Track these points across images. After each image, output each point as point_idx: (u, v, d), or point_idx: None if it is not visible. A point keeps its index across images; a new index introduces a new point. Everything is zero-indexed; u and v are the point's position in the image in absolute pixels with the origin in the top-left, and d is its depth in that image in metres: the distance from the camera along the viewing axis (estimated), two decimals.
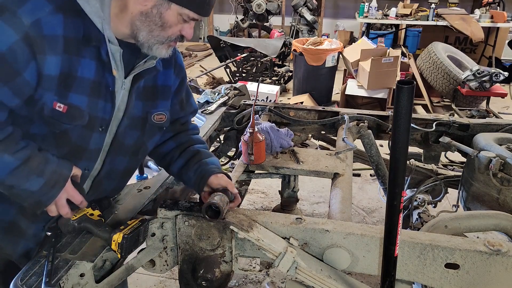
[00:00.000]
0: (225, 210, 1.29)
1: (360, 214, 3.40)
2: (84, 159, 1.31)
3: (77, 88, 1.19)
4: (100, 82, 1.23)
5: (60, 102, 1.17)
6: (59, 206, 1.25)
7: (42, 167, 1.19)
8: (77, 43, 1.16)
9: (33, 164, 1.17)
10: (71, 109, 1.19)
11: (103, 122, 1.28)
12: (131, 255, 1.32)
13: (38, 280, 1.13)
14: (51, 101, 1.16)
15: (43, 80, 1.13)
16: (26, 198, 1.20)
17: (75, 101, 1.19)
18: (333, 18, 9.71)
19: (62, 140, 1.24)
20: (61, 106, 1.17)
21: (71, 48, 1.15)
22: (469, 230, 1.54)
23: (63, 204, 1.25)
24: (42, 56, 1.11)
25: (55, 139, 1.23)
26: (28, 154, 1.16)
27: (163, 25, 1.21)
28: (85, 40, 1.17)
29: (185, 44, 9.79)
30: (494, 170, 1.81)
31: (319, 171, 1.76)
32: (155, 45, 1.24)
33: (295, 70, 5.99)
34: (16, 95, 1.12)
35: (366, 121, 2.24)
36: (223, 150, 2.49)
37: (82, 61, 1.18)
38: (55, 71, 1.14)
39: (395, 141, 0.96)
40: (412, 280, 1.30)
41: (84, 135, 1.26)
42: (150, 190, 1.56)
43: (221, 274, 1.38)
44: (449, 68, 5.57)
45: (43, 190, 1.19)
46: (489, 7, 7.30)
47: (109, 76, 1.24)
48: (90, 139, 1.28)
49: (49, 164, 1.20)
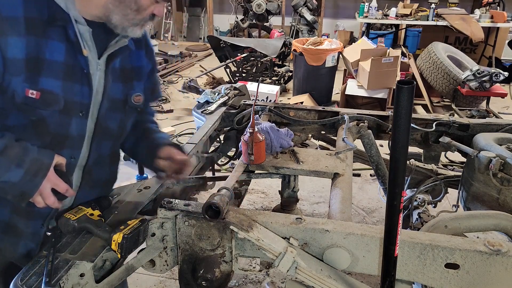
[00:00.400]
0: (225, 210, 1.29)
1: (360, 214, 3.40)
2: (67, 147, 1.29)
3: (48, 72, 1.17)
4: (72, 64, 1.21)
5: (32, 88, 1.15)
6: (44, 196, 1.21)
7: (21, 156, 1.15)
8: (41, 24, 1.14)
9: (11, 154, 1.14)
10: (44, 94, 1.17)
11: (82, 107, 1.26)
12: (131, 255, 1.32)
13: (38, 280, 1.12)
14: (23, 89, 1.14)
15: (8, 64, 1.11)
16: (8, 191, 1.17)
17: (47, 85, 1.17)
18: (333, 18, 9.71)
19: (40, 128, 1.22)
20: (33, 92, 1.15)
21: (35, 29, 1.13)
22: (469, 230, 1.54)
23: (48, 194, 1.22)
24: (2, 39, 1.08)
25: (34, 129, 1.21)
26: (4, 143, 1.14)
27: (138, 9, 1.22)
28: (50, 20, 1.15)
29: (185, 44, 9.81)
30: (494, 170, 1.81)
31: (319, 171, 1.76)
32: (130, 27, 1.24)
33: (295, 70, 5.99)
34: None
35: (366, 121, 2.23)
36: (223, 150, 2.48)
37: (50, 43, 1.16)
38: (21, 54, 1.11)
39: (395, 141, 0.96)
40: (412, 280, 1.30)
41: (62, 121, 1.24)
42: (150, 190, 1.56)
43: (221, 274, 1.38)
44: (449, 68, 5.57)
45: (24, 180, 1.16)
46: (489, 7, 7.31)
47: (82, 57, 1.22)
48: (70, 126, 1.26)
49: (28, 154, 1.17)
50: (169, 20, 10.47)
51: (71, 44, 1.20)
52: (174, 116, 5.55)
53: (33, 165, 1.17)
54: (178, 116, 5.55)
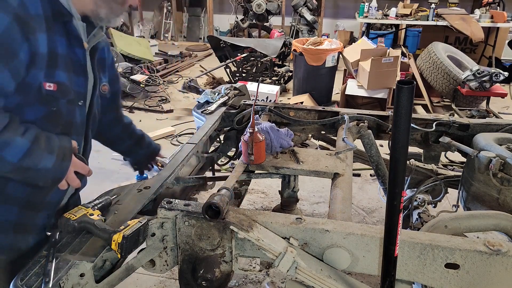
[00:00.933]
0: (225, 210, 1.29)
1: (360, 214, 3.40)
2: (74, 134, 1.39)
3: (60, 65, 1.27)
4: (71, 57, 1.32)
5: (49, 81, 1.24)
6: (70, 180, 1.34)
7: (49, 144, 1.26)
8: (50, 21, 1.23)
9: (41, 143, 1.23)
10: (59, 86, 1.27)
11: (81, 96, 1.39)
12: (131, 255, 1.32)
13: (38, 280, 1.13)
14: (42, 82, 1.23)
15: (37, 59, 1.19)
16: (41, 178, 1.27)
17: (60, 78, 1.27)
18: (333, 18, 9.71)
19: (55, 119, 1.31)
20: (51, 85, 1.25)
21: (49, 25, 1.23)
22: (469, 230, 1.54)
23: (73, 177, 1.35)
24: (33, 35, 1.17)
25: (48, 120, 1.30)
26: (35, 133, 1.22)
27: (122, 3, 1.38)
28: (54, 17, 1.24)
29: (185, 44, 9.81)
30: (494, 170, 1.81)
31: (319, 171, 1.76)
32: (114, 18, 1.40)
33: (295, 70, 5.99)
34: (14, 78, 1.16)
35: (366, 121, 2.23)
36: (223, 150, 2.48)
37: (56, 38, 1.26)
38: (45, 49, 1.21)
39: (395, 141, 0.96)
40: (412, 280, 1.30)
41: (70, 110, 1.35)
42: (150, 190, 1.55)
43: (221, 274, 1.38)
44: (449, 68, 5.57)
45: (56, 165, 1.27)
46: (489, 7, 7.30)
47: (79, 50, 1.33)
48: (75, 114, 1.38)
49: (52, 141, 1.27)
50: (169, 20, 10.47)
51: (69, 39, 1.30)
52: (174, 116, 5.55)
53: (60, 150, 1.29)
54: (178, 116, 5.55)
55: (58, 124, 1.32)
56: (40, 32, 1.19)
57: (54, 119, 1.31)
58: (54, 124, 1.32)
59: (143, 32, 10.28)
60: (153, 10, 10.60)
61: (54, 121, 1.31)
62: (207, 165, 2.31)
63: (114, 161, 4.12)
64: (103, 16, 1.35)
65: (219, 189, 1.42)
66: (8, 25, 1.11)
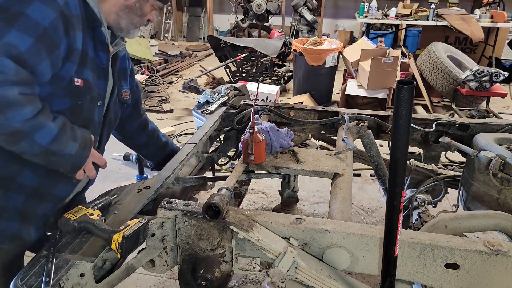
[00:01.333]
0: (225, 210, 1.29)
1: (360, 214, 3.40)
2: (91, 132, 1.48)
3: (89, 65, 1.39)
4: (95, 59, 1.43)
5: (77, 77, 1.36)
6: (88, 170, 1.44)
7: (74, 133, 1.35)
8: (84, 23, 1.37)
9: (67, 131, 1.32)
10: (86, 82, 1.39)
11: (100, 97, 1.49)
12: (131, 255, 1.32)
13: (38, 280, 1.13)
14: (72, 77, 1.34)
15: (72, 54, 1.32)
16: (64, 163, 1.35)
17: (87, 75, 1.39)
18: (333, 18, 9.71)
19: (78, 112, 1.41)
20: (79, 81, 1.36)
21: (84, 27, 1.36)
22: (469, 230, 1.54)
23: (91, 168, 1.45)
24: (73, 32, 1.30)
25: (72, 113, 1.39)
26: (63, 121, 1.32)
27: (141, 15, 1.52)
28: (87, 21, 1.38)
29: (185, 44, 9.81)
30: (494, 170, 1.81)
31: (319, 171, 1.76)
32: (133, 30, 1.53)
33: (295, 70, 5.99)
34: (52, 68, 1.28)
35: (366, 121, 2.23)
36: (223, 150, 2.48)
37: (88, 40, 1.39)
38: (79, 46, 1.34)
39: (395, 141, 0.96)
40: (412, 280, 1.30)
41: (90, 108, 1.45)
42: (150, 190, 1.56)
43: (221, 274, 1.39)
44: (449, 68, 5.57)
45: (79, 153, 1.37)
46: (489, 7, 7.30)
47: (103, 54, 1.46)
48: (94, 112, 1.48)
49: (76, 130, 1.37)
50: (169, 20, 10.47)
51: (94, 43, 1.42)
52: (174, 116, 5.55)
53: (83, 140, 1.38)
54: (178, 116, 5.55)
55: (79, 118, 1.42)
56: (78, 30, 1.32)
57: (77, 113, 1.41)
58: (76, 118, 1.40)
59: (143, 32, 10.27)
60: None
61: (76, 115, 1.41)
62: (207, 165, 2.31)
63: (114, 161, 4.12)
64: (123, 27, 1.50)
65: (219, 189, 1.42)
66: (54, 20, 1.24)
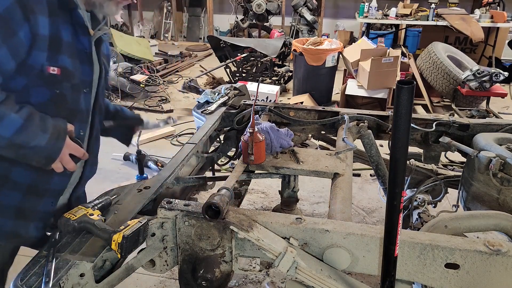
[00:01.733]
0: (225, 210, 1.29)
1: (360, 214, 3.40)
2: (78, 121, 1.43)
3: (64, 51, 1.31)
4: (76, 45, 1.36)
5: (52, 65, 1.29)
6: (65, 162, 1.37)
7: (43, 122, 1.28)
8: (56, 7, 1.29)
9: (35, 121, 1.26)
10: (63, 70, 1.32)
11: (86, 84, 1.43)
12: (131, 255, 1.32)
13: (38, 280, 1.13)
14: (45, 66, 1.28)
15: (37, 40, 1.24)
16: (34, 156, 1.29)
17: (64, 63, 1.32)
18: (333, 18, 9.71)
19: (60, 103, 1.36)
20: (54, 69, 1.30)
21: (54, 11, 1.28)
22: (469, 230, 1.54)
23: (68, 160, 1.37)
24: (33, 16, 1.22)
25: (54, 104, 1.34)
26: (29, 111, 1.25)
27: None
28: (60, 5, 1.30)
29: (185, 44, 9.81)
30: (494, 170, 1.81)
31: (319, 171, 1.76)
32: (105, 2, 1.41)
33: (295, 70, 5.99)
34: (13, 57, 1.21)
35: (366, 121, 2.23)
36: (223, 150, 2.48)
37: (61, 25, 1.31)
38: (45, 31, 1.25)
39: (395, 141, 0.96)
40: (412, 280, 1.30)
41: (74, 96, 1.39)
42: (150, 190, 1.56)
43: (221, 274, 1.39)
44: (449, 68, 5.57)
45: (50, 144, 1.29)
46: (489, 7, 7.30)
47: (84, 39, 1.38)
48: (80, 101, 1.42)
49: (47, 120, 1.30)
50: (169, 20, 10.47)
51: (74, 27, 1.35)
52: (174, 116, 5.55)
53: (54, 130, 1.31)
54: (178, 116, 5.55)
55: (63, 108, 1.37)
56: (41, 14, 1.24)
57: (60, 103, 1.35)
58: (60, 108, 1.36)
59: (143, 32, 10.28)
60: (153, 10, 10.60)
61: (59, 105, 1.35)
62: (207, 165, 2.31)
63: (114, 161, 4.12)
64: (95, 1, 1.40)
65: (219, 189, 1.42)
66: (10, 5, 1.18)
